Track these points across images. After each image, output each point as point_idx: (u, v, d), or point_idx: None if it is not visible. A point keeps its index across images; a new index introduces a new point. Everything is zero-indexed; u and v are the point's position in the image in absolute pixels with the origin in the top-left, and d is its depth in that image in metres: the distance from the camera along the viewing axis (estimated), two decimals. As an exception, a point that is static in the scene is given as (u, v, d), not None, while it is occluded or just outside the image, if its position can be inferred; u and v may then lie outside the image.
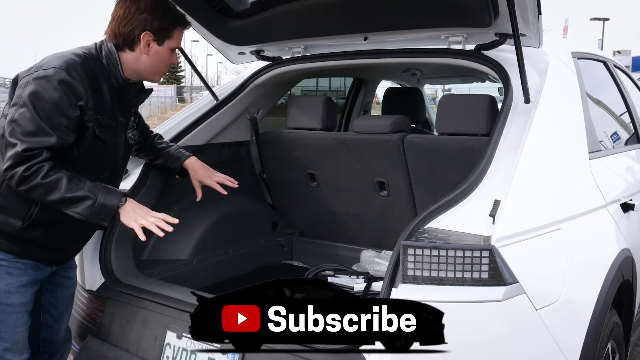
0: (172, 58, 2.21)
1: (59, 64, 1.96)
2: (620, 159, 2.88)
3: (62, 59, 1.99)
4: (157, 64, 2.17)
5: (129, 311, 2.30)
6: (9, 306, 2.04)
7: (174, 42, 2.17)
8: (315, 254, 3.26)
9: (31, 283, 2.10)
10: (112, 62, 2.10)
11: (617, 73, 3.34)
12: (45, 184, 1.90)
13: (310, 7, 2.57)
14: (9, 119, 1.92)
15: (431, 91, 12.67)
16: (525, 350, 1.72)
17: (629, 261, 2.33)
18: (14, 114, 1.91)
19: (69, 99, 1.94)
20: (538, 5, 2.03)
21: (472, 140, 2.48)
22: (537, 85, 2.21)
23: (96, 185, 1.98)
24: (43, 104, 1.90)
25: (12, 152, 1.88)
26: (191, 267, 2.81)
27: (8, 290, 2.03)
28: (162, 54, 2.15)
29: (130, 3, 2.11)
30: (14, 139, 1.88)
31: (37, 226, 2.02)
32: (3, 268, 2.02)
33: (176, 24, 2.16)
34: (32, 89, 1.91)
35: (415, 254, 1.66)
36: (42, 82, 1.92)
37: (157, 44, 2.13)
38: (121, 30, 2.09)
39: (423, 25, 2.50)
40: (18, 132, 1.88)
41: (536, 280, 1.74)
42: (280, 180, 3.28)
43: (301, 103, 3.12)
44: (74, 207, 1.94)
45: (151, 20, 2.09)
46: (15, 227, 2.00)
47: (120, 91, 2.13)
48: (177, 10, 2.20)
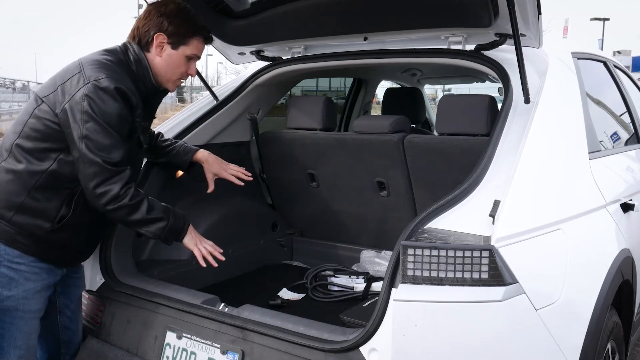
0: (187, 66, 2.22)
1: (108, 75, 1.99)
2: (620, 159, 2.87)
3: (106, 68, 2.02)
4: (170, 69, 2.19)
5: (129, 311, 2.30)
6: (26, 312, 2.05)
7: (189, 50, 2.18)
8: (315, 254, 3.27)
9: (45, 288, 2.11)
10: (142, 68, 2.15)
11: (617, 73, 3.34)
12: (131, 205, 1.99)
13: (310, 8, 2.57)
14: (79, 134, 1.93)
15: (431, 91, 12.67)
16: (525, 350, 1.72)
17: (628, 261, 2.33)
18: (80, 129, 1.93)
19: (127, 107, 2.01)
20: (538, 5, 2.03)
21: (472, 140, 2.48)
22: (537, 86, 2.21)
23: (166, 208, 2.10)
24: (108, 117, 1.95)
25: (96, 168, 1.93)
26: (191, 267, 2.80)
27: (25, 297, 2.04)
28: (175, 59, 2.17)
29: (153, 6, 2.18)
30: (94, 155, 1.92)
31: (65, 229, 2.05)
32: (22, 274, 2.02)
33: (195, 33, 2.19)
34: (90, 102, 1.93)
35: (415, 254, 1.66)
36: (100, 94, 1.95)
37: (170, 47, 2.16)
38: (140, 31, 2.16)
39: (423, 26, 2.50)
40: (94, 147, 1.92)
41: (536, 281, 1.74)
42: (280, 180, 3.28)
43: (301, 103, 3.12)
44: (148, 227, 2.05)
45: (167, 23, 2.14)
46: (44, 229, 2.02)
47: (148, 96, 2.16)
48: (199, 21, 2.22)
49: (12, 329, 2.03)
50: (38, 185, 1.98)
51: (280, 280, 2.92)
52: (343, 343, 1.79)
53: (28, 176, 1.98)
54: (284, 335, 1.90)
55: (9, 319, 2.02)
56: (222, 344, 2.01)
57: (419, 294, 1.65)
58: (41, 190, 1.99)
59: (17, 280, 2.02)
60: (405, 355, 1.66)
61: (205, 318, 2.09)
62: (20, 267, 2.02)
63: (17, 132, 2.03)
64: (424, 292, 1.65)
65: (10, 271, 2.00)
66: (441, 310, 1.65)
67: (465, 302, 1.64)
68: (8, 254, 2.00)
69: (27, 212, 1.99)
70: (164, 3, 2.19)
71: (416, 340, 1.65)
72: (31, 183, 1.98)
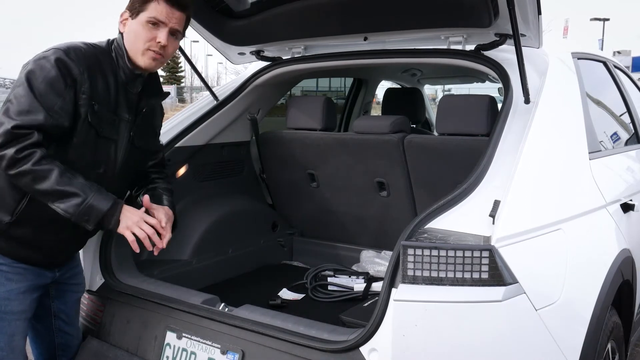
0: (152, 33, 2.04)
1: (60, 46, 1.95)
2: (620, 159, 2.88)
3: (65, 44, 1.98)
4: (132, 39, 2.05)
5: (129, 311, 2.30)
6: (7, 314, 2.00)
7: (147, 14, 2.02)
8: (315, 254, 3.27)
9: (31, 289, 2.06)
10: (119, 52, 2.06)
11: (617, 73, 3.34)
12: (36, 171, 1.83)
13: (310, 8, 2.57)
14: (5, 99, 1.89)
15: (431, 91, 12.66)
16: (525, 350, 1.72)
17: (628, 261, 2.33)
18: (10, 94, 1.89)
19: (64, 78, 1.90)
20: (538, 5, 2.03)
21: (472, 140, 2.48)
22: (537, 86, 2.21)
23: (90, 185, 1.91)
24: (38, 83, 1.87)
25: (1, 130, 1.82)
26: (191, 267, 2.81)
27: (7, 297, 2.00)
28: (134, 27, 2.04)
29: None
30: (5, 118, 1.84)
31: (25, 223, 1.97)
32: (3, 274, 1.99)
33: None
34: (29, 68, 1.90)
35: (415, 254, 1.66)
36: (40, 62, 1.90)
37: (131, 19, 2.05)
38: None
39: (423, 26, 2.50)
40: (10, 110, 1.84)
41: (536, 281, 1.74)
42: (280, 181, 3.28)
43: (301, 103, 3.12)
44: (60, 202, 1.87)
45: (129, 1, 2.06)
46: (3, 222, 1.95)
47: (127, 84, 2.07)
48: None
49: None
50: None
51: (280, 280, 2.92)
52: (343, 343, 1.79)
53: None
54: (284, 335, 1.90)
55: None
56: (222, 344, 2.01)
57: (419, 294, 1.65)
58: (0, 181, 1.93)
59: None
60: (405, 355, 1.66)
61: (206, 318, 2.09)
62: (2, 267, 1.98)
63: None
64: (424, 292, 1.65)
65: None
66: (441, 310, 1.65)
67: (465, 302, 1.64)
68: None
69: None
70: None
71: (416, 341, 1.65)
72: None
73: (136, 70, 2.07)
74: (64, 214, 1.88)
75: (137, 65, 2.06)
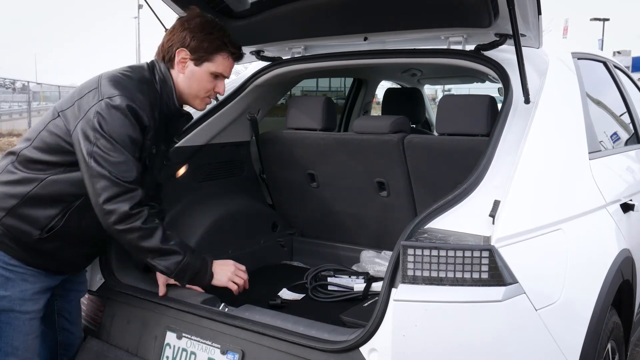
0: (213, 84, 2.13)
1: (122, 91, 1.93)
2: (620, 159, 2.88)
3: (122, 85, 1.96)
4: (194, 86, 2.10)
5: (129, 311, 2.30)
6: (23, 313, 2.04)
7: (213, 67, 2.09)
8: (315, 254, 3.27)
9: (44, 290, 2.10)
10: (167, 89, 2.08)
11: (617, 73, 3.34)
12: (144, 230, 1.90)
13: (310, 8, 2.57)
14: (88, 151, 1.87)
15: (431, 91, 12.66)
16: (525, 350, 1.72)
17: (628, 261, 2.33)
18: (90, 147, 1.87)
19: (138, 129, 1.94)
20: (538, 5, 2.03)
21: (472, 140, 2.48)
22: (537, 86, 2.21)
23: (185, 243, 2.03)
24: (118, 135, 1.89)
25: (105, 182, 1.86)
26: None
27: (22, 297, 2.03)
28: (198, 76, 2.09)
29: (178, 21, 2.12)
30: (102, 169, 1.86)
31: (53, 239, 2.01)
32: (19, 275, 2.02)
33: (220, 49, 2.10)
34: (102, 120, 1.88)
35: (415, 254, 1.66)
36: (111, 112, 1.89)
37: (193, 64, 2.08)
38: (165, 46, 2.10)
39: (423, 26, 2.50)
40: (103, 162, 1.86)
41: (536, 281, 1.74)
42: (280, 181, 3.28)
43: (301, 103, 3.12)
44: (162, 259, 1.97)
45: (190, 38, 2.06)
46: (33, 237, 1.99)
47: (169, 119, 2.09)
48: (227, 37, 2.13)
49: (9, 329, 2.02)
50: (34, 193, 1.96)
51: (280, 280, 2.92)
52: (343, 343, 1.78)
53: (26, 182, 1.97)
54: (284, 335, 1.90)
55: (5, 318, 2.01)
56: (222, 344, 2.01)
57: (419, 294, 1.65)
58: (36, 199, 1.97)
59: (14, 280, 2.01)
60: (405, 355, 1.66)
61: (205, 318, 2.08)
62: (16, 269, 2.01)
63: (30, 139, 2.03)
64: (424, 292, 1.65)
65: (7, 272, 2.00)
66: (441, 311, 1.65)
67: (465, 302, 1.64)
68: (4, 255, 1.99)
69: (17, 217, 1.98)
70: (190, 17, 2.12)
71: (416, 341, 1.65)
72: (27, 190, 1.96)
73: (183, 110, 2.13)
74: (164, 271, 2.00)
75: (188, 106, 2.14)
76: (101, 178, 1.87)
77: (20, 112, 25.57)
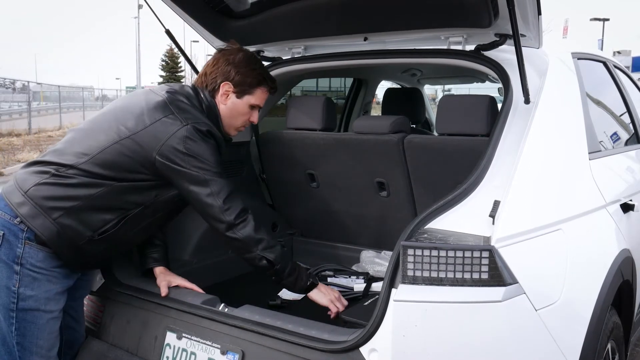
0: (250, 115, 2.30)
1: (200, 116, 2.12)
2: (620, 159, 2.88)
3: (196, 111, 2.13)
4: (234, 116, 2.27)
5: (129, 311, 2.30)
6: (48, 312, 2.07)
7: (253, 99, 2.27)
8: (315, 254, 3.26)
9: (65, 290, 2.14)
10: (213, 116, 2.22)
11: (617, 73, 3.34)
12: (268, 240, 2.11)
13: (310, 8, 2.57)
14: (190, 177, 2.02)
15: (431, 91, 12.65)
16: (525, 350, 1.72)
17: (628, 261, 2.33)
18: (189, 172, 2.02)
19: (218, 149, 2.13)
20: (538, 5, 2.03)
21: (472, 140, 2.48)
22: (537, 86, 2.21)
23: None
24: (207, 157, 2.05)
25: (217, 186, 2.05)
26: (191, 267, 2.81)
27: (47, 297, 2.06)
28: (239, 107, 2.26)
29: (221, 54, 2.27)
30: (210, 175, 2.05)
31: (102, 242, 2.08)
32: (44, 276, 2.05)
33: (260, 84, 2.27)
34: (195, 146, 2.02)
35: (415, 254, 1.66)
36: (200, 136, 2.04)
37: (235, 96, 2.24)
38: (208, 78, 2.24)
39: (423, 26, 2.50)
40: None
41: (536, 281, 1.74)
42: (280, 181, 3.28)
43: (301, 103, 3.12)
44: (269, 251, 2.10)
45: (235, 73, 2.22)
46: (85, 238, 2.04)
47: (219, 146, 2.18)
48: (266, 72, 2.30)
49: (34, 328, 2.05)
50: (96, 196, 2.02)
51: (280, 281, 2.91)
52: (343, 343, 1.79)
53: (89, 187, 2.02)
54: (284, 335, 1.90)
55: (31, 317, 2.04)
56: (222, 344, 2.01)
57: (419, 295, 1.65)
58: (97, 202, 2.03)
59: (40, 281, 2.04)
60: (405, 355, 1.66)
61: (206, 318, 2.09)
62: (42, 271, 2.04)
63: (89, 155, 2.04)
64: (424, 293, 1.65)
65: (34, 273, 2.03)
66: (441, 311, 1.65)
67: (465, 303, 1.64)
68: (32, 257, 2.02)
69: (74, 217, 2.02)
70: (233, 52, 2.27)
71: (416, 341, 1.65)
72: (90, 193, 2.02)
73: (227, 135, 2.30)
74: (273, 261, 2.11)
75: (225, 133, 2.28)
76: (214, 183, 2.05)
77: (20, 112, 25.55)
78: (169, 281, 2.27)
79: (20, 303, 2.01)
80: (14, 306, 2.01)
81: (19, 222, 2.01)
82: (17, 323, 2.03)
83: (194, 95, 2.19)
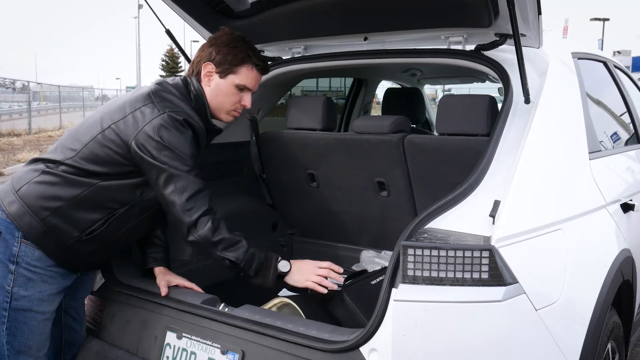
0: (239, 97, 2.20)
1: (180, 104, 2.06)
2: (620, 159, 2.88)
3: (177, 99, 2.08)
4: (219, 98, 2.17)
5: (129, 311, 2.30)
6: (40, 314, 2.07)
7: (238, 79, 2.16)
8: (315, 254, 3.25)
9: (60, 291, 2.13)
10: (200, 104, 2.15)
11: (617, 73, 3.34)
12: (228, 239, 2.01)
13: (310, 8, 2.57)
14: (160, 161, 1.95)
15: (431, 91, 12.65)
16: (525, 350, 1.72)
17: (629, 261, 2.33)
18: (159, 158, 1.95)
19: (195, 139, 2.06)
20: (538, 5, 2.03)
21: (472, 140, 2.48)
22: (537, 86, 2.21)
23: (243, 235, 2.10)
24: (182, 147, 1.99)
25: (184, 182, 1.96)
26: (191, 267, 2.81)
27: (41, 298, 2.06)
28: (223, 88, 2.16)
29: (208, 39, 2.22)
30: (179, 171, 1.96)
31: (90, 242, 2.07)
32: (39, 276, 2.05)
33: (244, 62, 2.16)
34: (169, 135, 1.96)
35: (415, 254, 1.66)
36: (176, 125, 1.99)
37: (218, 77, 2.15)
38: (194, 62, 2.18)
39: (423, 26, 2.50)
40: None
41: (536, 281, 1.74)
42: (280, 181, 3.28)
43: (301, 103, 3.12)
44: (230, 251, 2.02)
45: (215, 52, 2.14)
46: (72, 238, 2.04)
47: (199, 135, 2.13)
48: (251, 50, 2.20)
49: (25, 328, 2.05)
50: (82, 197, 2.01)
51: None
52: (343, 343, 1.79)
53: (74, 185, 2.01)
54: (284, 335, 1.90)
55: (23, 318, 2.04)
56: (222, 344, 2.01)
57: (419, 294, 1.65)
58: (82, 202, 2.02)
59: (35, 281, 2.04)
60: (406, 355, 1.66)
61: (206, 318, 2.09)
62: (38, 270, 2.04)
63: (75, 150, 2.04)
64: (424, 292, 1.65)
65: (29, 272, 2.03)
66: (441, 311, 1.65)
67: (466, 302, 1.64)
68: (28, 256, 2.02)
69: (61, 217, 2.02)
70: (218, 35, 2.21)
71: (416, 341, 1.65)
72: (75, 193, 2.01)
73: (215, 126, 2.22)
74: (235, 261, 2.02)
75: (216, 119, 2.21)
76: (180, 179, 1.97)
77: (20, 112, 25.53)
78: (169, 281, 2.26)
79: (13, 303, 2.02)
80: (7, 305, 2.01)
81: (13, 220, 2.02)
82: (8, 322, 2.02)
83: (182, 86, 2.15)
